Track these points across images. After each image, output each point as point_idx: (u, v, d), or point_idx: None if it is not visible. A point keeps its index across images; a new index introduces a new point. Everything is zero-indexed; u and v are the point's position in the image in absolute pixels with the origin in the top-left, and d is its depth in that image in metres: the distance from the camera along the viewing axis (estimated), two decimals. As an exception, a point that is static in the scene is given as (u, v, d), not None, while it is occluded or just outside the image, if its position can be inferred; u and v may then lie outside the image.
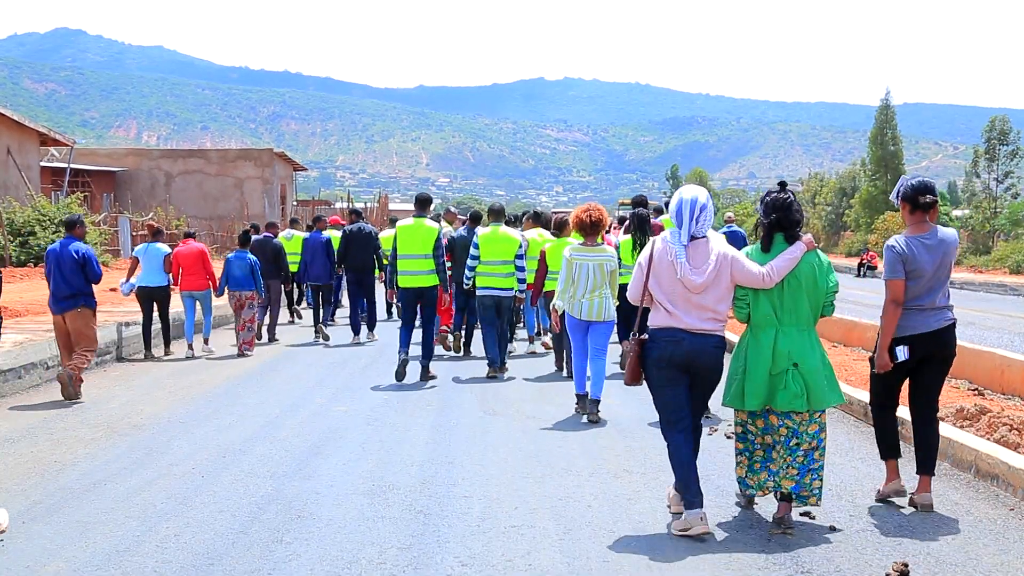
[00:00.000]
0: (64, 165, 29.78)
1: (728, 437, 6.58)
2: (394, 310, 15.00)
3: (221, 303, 13.35)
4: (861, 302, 19.67)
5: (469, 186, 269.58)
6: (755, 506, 5.01)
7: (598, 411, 7.31)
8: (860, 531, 4.61)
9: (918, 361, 5.04)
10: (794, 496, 4.64)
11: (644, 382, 4.91)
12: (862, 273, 31.40)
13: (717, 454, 6.19)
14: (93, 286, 8.71)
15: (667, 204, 8.23)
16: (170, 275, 11.26)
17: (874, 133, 48.18)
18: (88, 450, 6.37)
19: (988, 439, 5.92)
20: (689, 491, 4.58)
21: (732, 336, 8.11)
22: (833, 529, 4.62)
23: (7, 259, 20.63)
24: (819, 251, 4.81)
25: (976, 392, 8.14)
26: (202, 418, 7.48)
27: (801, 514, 4.84)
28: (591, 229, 7.48)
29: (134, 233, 28.34)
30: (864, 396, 7.40)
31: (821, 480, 4.69)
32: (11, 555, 4.32)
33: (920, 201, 4.95)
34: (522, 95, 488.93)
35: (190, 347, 11.29)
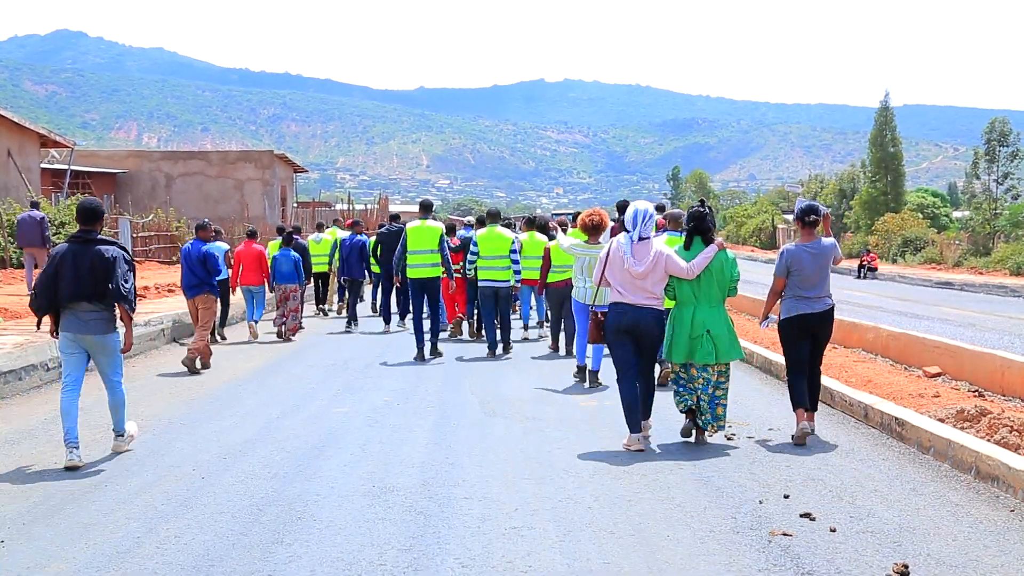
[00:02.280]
0: (64, 167, 29.78)
1: (728, 439, 6.70)
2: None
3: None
4: (862, 303, 19.68)
5: (469, 188, 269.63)
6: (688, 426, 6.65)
7: (598, 379, 8.93)
8: (860, 532, 4.61)
9: (804, 335, 6.72)
10: (709, 425, 6.51)
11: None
12: (862, 275, 31.33)
13: (716, 456, 6.20)
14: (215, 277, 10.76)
15: (659, 207, 10.14)
16: (229, 270, 12.67)
17: (874, 135, 48.18)
18: (89, 451, 6.36)
19: (988, 441, 5.92)
20: (633, 422, 6.41)
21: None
22: (833, 530, 4.63)
23: (7, 261, 20.64)
24: (727, 250, 6.60)
25: (976, 394, 8.15)
26: (203, 419, 7.48)
27: (802, 515, 4.85)
28: (593, 230, 9.01)
29: (134, 235, 28.34)
30: (867, 399, 7.43)
31: (724, 409, 6.56)
32: (12, 556, 4.32)
33: (806, 220, 6.68)
34: (522, 97, 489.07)
35: (252, 328, 12.95)
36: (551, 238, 11.33)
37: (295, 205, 45.31)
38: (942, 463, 5.90)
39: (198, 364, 10.03)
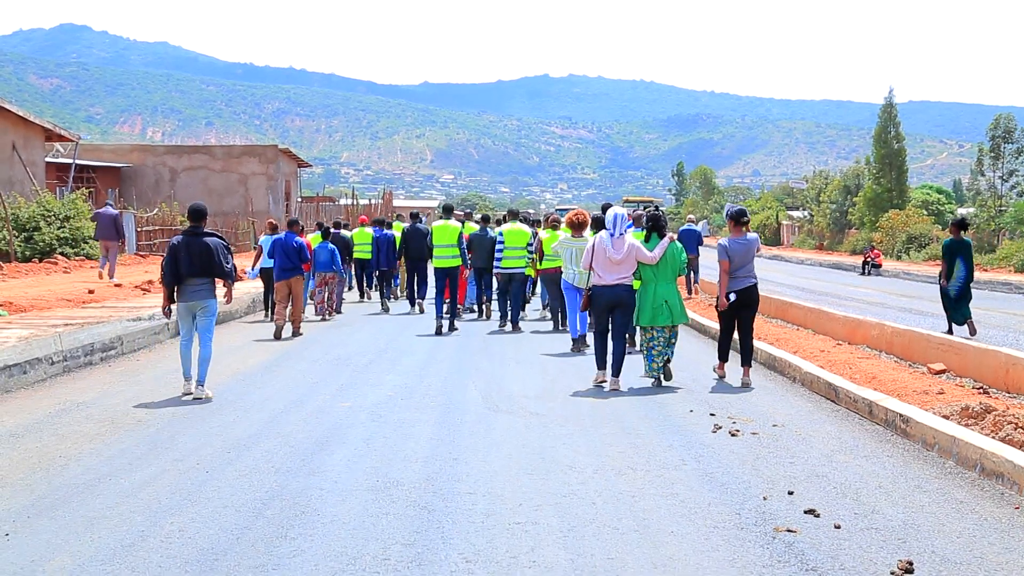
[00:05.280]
0: (69, 161, 29.79)
1: (732, 435, 6.66)
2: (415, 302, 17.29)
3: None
4: (866, 300, 19.64)
5: (473, 183, 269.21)
6: (654, 381, 8.70)
7: (585, 344, 11.04)
8: (865, 529, 4.60)
9: (738, 306, 8.90)
10: (661, 372, 8.70)
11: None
12: (866, 271, 31.20)
13: (720, 451, 6.19)
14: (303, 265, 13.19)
15: (657, 207, 13.08)
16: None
17: (878, 131, 48.01)
18: (93, 445, 6.38)
19: (993, 438, 5.91)
20: (602, 363, 8.78)
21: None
22: (838, 527, 4.62)
23: (12, 254, 20.67)
24: (675, 242, 8.87)
25: (981, 391, 8.12)
26: (206, 413, 7.49)
27: (806, 512, 4.84)
28: (577, 226, 11.21)
29: (139, 229, 28.37)
30: (871, 395, 7.42)
31: (670, 360, 8.77)
32: (16, 550, 4.33)
33: (739, 220, 9.02)
34: (527, 92, 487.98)
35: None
36: (552, 231, 13.31)
37: (299, 200, 45.31)
38: (947, 460, 5.89)
39: (288, 331, 12.65)
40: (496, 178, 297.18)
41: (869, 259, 31.89)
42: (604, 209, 11.90)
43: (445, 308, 13.26)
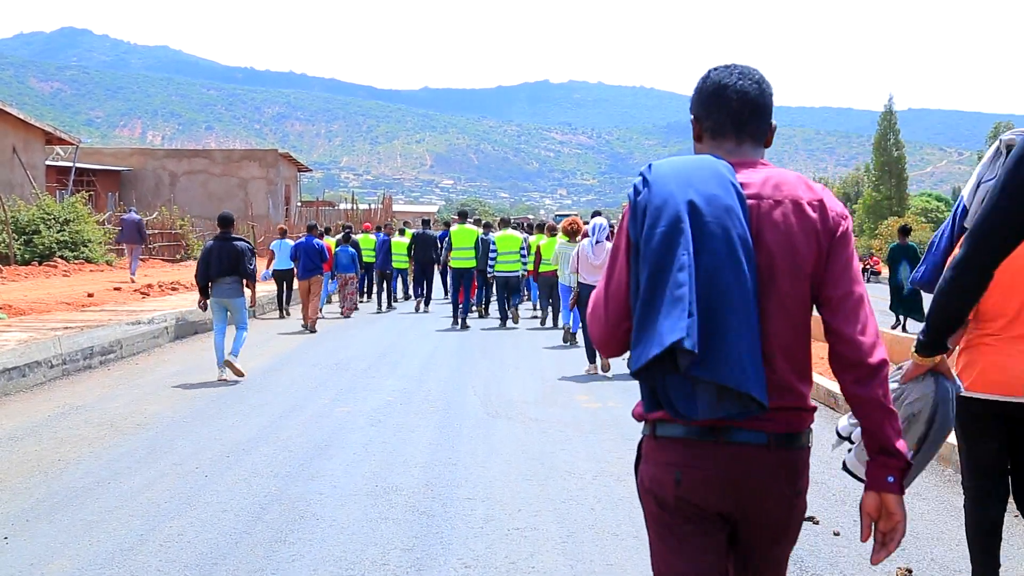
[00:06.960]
0: (69, 164, 29.82)
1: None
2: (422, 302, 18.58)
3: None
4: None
5: (473, 188, 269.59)
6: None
7: (576, 338, 12.20)
8: (864, 536, 4.60)
9: None
10: None
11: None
12: (866, 279, 31.27)
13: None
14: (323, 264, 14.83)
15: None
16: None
17: (877, 139, 48.11)
18: (92, 449, 6.37)
19: (992, 445, 5.91)
20: (592, 357, 9.85)
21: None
22: (837, 534, 4.62)
23: (12, 257, 20.67)
24: None
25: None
26: (206, 418, 7.48)
27: (805, 518, 4.83)
28: (572, 233, 11.87)
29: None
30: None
31: None
32: (15, 553, 4.33)
33: None
34: (527, 98, 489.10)
35: (319, 310, 15.55)
36: (551, 236, 14.63)
37: (299, 204, 45.31)
38: (946, 468, 5.89)
39: (314, 327, 13.91)
40: (496, 183, 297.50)
41: (868, 267, 31.92)
42: (594, 216, 13.50)
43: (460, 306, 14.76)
